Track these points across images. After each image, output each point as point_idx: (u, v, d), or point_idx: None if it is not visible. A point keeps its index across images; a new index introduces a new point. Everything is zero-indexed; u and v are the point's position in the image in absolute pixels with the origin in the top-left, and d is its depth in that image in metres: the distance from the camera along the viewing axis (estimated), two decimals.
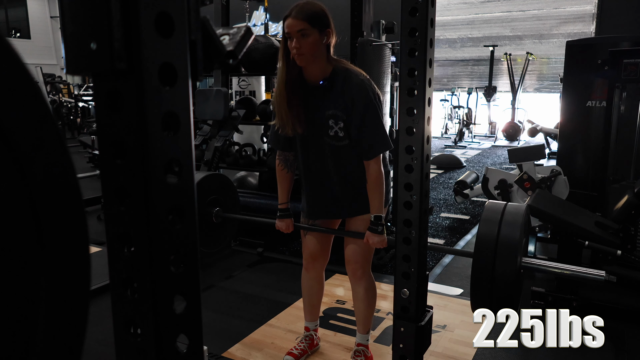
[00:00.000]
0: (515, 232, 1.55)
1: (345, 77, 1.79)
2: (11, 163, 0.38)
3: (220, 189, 2.45)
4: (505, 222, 1.58)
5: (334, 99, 1.80)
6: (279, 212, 2.10)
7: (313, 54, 1.72)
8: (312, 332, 2.32)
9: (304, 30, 1.69)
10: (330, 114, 1.82)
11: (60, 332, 0.43)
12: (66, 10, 0.46)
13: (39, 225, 0.40)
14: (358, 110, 1.78)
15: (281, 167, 2.05)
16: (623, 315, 2.62)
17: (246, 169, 4.16)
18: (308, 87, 1.84)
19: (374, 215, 1.88)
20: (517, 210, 1.63)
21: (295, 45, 1.70)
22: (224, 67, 0.55)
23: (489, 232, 1.57)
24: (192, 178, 0.52)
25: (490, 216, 1.61)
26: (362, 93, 1.77)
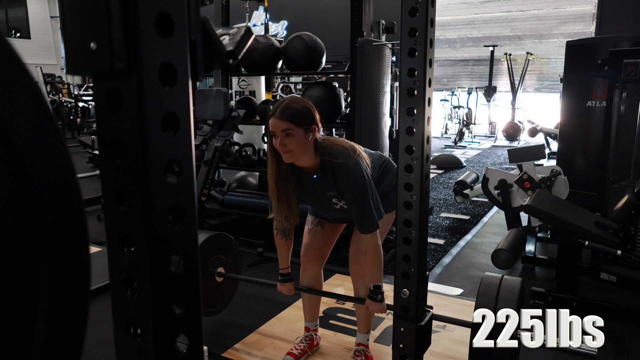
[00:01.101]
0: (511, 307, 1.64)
1: (333, 169, 1.83)
2: (11, 163, 0.38)
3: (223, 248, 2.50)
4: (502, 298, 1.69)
5: (330, 185, 1.87)
6: (280, 277, 2.16)
7: (299, 151, 1.76)
8: (312, 332, 2.32)
9: (288, 130, 1.72)
10: (331, 195, 1.91)
11: (60, 332, 0.43)
12: (66, 10, 0.46)
13: (39, 226, 0.40)
14: (348, 198, 1.86)
15: (279, 236, 2.09)
16: (623, 315, 2.62)
17: (246, 169, 4.16)
18: (304, 175, 1.91)
19: (373, 285, 1.94)
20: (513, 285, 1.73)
21: (281, 144, 1.73)
22: (224, 67, 0.55)
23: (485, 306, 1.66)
24: (192, 178, 0.52)
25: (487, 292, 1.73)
26: (350, 185, 1.81)
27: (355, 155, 1.84)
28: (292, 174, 1.90)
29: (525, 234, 3.22)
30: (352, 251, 2.08)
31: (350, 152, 1.84)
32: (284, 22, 12.69)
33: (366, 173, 1.83)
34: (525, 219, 3.83)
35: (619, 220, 2.48)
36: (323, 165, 1.83)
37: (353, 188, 1.80)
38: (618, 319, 2.61)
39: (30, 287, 0.40)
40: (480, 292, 1.73)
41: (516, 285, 1.73)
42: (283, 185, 1.87)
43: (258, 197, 4.23)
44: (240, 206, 4.24)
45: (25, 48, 15.17)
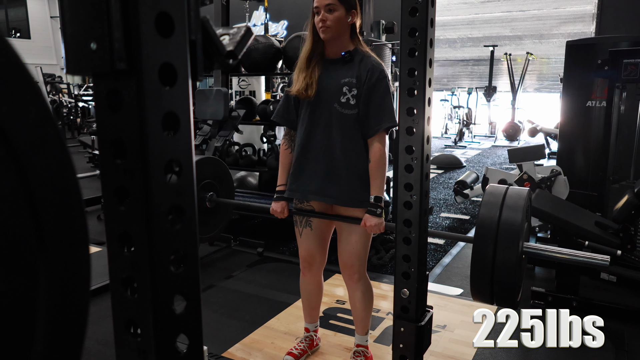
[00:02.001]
0: (517, 216, 1.48)
1: (364, 55, 1.91)
2: (11, 163, 0.38)
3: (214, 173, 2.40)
4: (507, 205, 1.51)
5: (352, 69, 1.90)
6: (276, 194, 2.09)
7: (337, 28, 1.84)
8: (312, 332, 2.32)
9: (332, 5, 1.82)
10: (346, 82, 1.90)
11: (60, 332, 0.43)
12: (66, 10, 0.46)
13: (39, 226, 0.40)
14: (371, 82, 1.87)
15: (285, 146, 2.07)
16: (623, 315, 2.62)
17: (246, 169, 4.16)
18: (329, 60, 1.95)
19: (374, 196, 1.87)
20: (519, 193, 1.56)
21: (322, 18, 1.83)
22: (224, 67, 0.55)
23: (490, 216, 1.50)
24: (192, 178, 0.52)
25: (492, 200, 1.54)
26: (377, 69, 1.87)
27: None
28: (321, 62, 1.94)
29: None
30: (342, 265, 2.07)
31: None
32: (284, 22, 12.68)
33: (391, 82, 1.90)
34: None
35: (619, 220, 2.48)
36: (356, 51, 1.92)
37: (379, 75, 1.86)
38: (618, 319, 2.61)
39: (30, 287, 0.40)
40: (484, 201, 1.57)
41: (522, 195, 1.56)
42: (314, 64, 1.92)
43: (258, 197, 4.23)
44: (240, 206, 4.24)
45: (25, 48, 15.17)
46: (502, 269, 1.46)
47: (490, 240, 1.47)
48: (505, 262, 1.45)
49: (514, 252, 1.46)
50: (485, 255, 1.48)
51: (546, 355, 2.34)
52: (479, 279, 1.51)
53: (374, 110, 1.86)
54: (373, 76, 1.86)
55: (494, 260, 1.46)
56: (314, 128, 1.94)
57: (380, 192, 1.87)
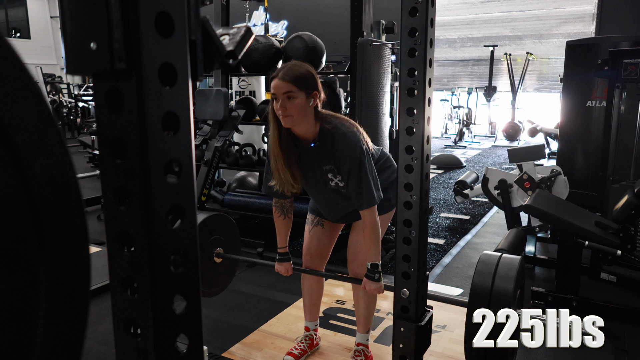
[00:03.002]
0: (509, 285, 1.58)
1: (332, 137, 1.79)
2: (11, 163, 0.38)
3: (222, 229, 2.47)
4: (500, 274, 1.62)
5: (327, 156, 1.82)
6: (278, 256, 2.14)
7: (299, 115, 1.72)
8: (312, 332, 2.32)
9: (290, 92, 1.69)
10: (327, 169, 1.85)
11: (60, 332, 0.43)
12: (66, 10, 0.46)
13: (39, 226, 0.40)
14: (346, 170, 1.80)
15: (278, 214, 2.06)
16: (623, 315, 2.62)
17: (246, 169, 4.16)
18: (302, 145, 1.86)
19: (371, 263, 1.90)
20: (511, 263, 1.66)
21: (282, 107, 1.70)
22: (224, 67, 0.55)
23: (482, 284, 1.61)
24: (192, 178, 0.52)
25: (485, 269, 1.65)
26: (347, 153, 1.77)
27: (355, 128, 1.82)
28: (292, 143, 1.85)
29: (525, 234, 3.22)
30: (350, 251, 2.08)
31: (351, 124, 1.83)
32: (284, 22, 12.69)
33: (366, 146, 1.80)
34: (525, 219, 3.83)
35: (619, 220, 2.48)
36: (322, 134, 1.79)
37: (351, 157, 1.76)
38: (618, 319, 2.61)
39: (30, 287, 0.40)
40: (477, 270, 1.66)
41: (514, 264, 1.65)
42: (284, 150, 1.82)
43: (258, 197, 4.23)
44: (240, 206, 4.24)
45: (25, 48, 15.16)
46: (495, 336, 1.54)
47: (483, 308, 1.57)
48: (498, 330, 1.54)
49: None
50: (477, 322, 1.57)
51: (546, 355, 2.34)
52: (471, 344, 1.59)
53: (354, 193, 1.81)
54: (346, 163, 1.78)
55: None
56: (317, 197, 2.07)
57: (376, 259, 1.90)
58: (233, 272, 2.62)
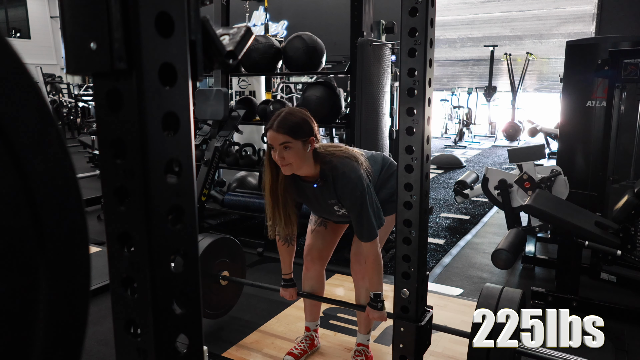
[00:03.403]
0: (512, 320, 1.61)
1: (333, 177, 1.82)
2: (11, 163, 0.38)
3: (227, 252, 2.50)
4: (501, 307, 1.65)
5: (330, 192, 1.86)
6: (282, 282, 2.17)
7: (298, 163, 1.75)
8: (313, 332, 2.32)
9: (287, 143, 1.71)
10: (333, 202, 1.90)
11: (60, 332, 0.43)
12: (66, 10, 0.46)
13: (39, 226, 0.40)
14: (347, 206, 1.85)
15: (281, 242, 2.09)
16: (623, 315, 2.62)
17: (246, 169, 4.16)
18: (305, 184, 1.89)
19: (373, 293, 1.94)
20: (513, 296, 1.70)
21: (280, 157, 1.73)
22: (224, 67, 0.55)
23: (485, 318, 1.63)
24: (192, 178, 0.52)
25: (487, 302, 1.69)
26: (348, 193, 1.81)
27: (355, 163, 1.84)
28: (292, 183, 1.90)
29: (525, 234, 3.22)
30: (354, 251, 2.08)
31: (350, 160, 1.84)
32: (284, 22, 12.69)
33: (366, 181, 1.83)
34: (525, 219, 3.83)
35: (619, 220, 2.47)
36: (323, 174, 1.83)
37: (352, 197, 1.80)
38: (618, 319, 2.61)
39: (30, 287, 0.40)
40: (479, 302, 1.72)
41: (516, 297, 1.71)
42: (281, 196, 1.87)
43: (258, 197, 4.23)
44: (240, 206, 4.24)
45: (25, 48, 15.16)
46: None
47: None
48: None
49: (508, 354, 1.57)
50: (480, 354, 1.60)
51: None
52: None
53: (356, 226, 1.86)
54: (347, 202, 1.83)
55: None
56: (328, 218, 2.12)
57: (378, 289, 1.93)
58: (238, 294, 2.66)
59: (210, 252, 2.38)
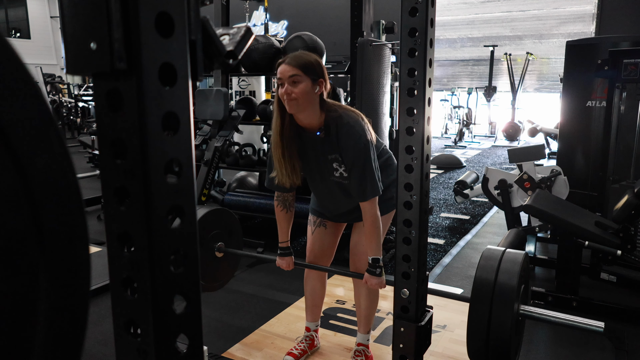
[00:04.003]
0: (513, 280, 1.55)
1: (337, 125, 1.80)
2: (11, 163, 0.38)
3: (223, 223, 2.46)
4: (503, 269, 1.58)
5: (332, 144, 1.82)
6: (279, 251, 2.14)
7: (304, 101, 1.73)
8: (313, 332, 2.32)
9: (296, 76, 1.71)
10: (332, 158, 1.86)
11: (60, 332, 0.43)
12: (66, 10, 0.46)
13: (39, 226, 0.40)
14: (350, 159, 1.80)
15: (280, 208, 2.06)
16: (623, 315, 2.62)
17: (246, 169, 4.16)
18: (307, 134, 1.86)
19: (372, 257, 1.89)
20: (515, 257, 1.63)
21: (287, 91, 1.71)
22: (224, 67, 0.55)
23: (485, 279, 1.57)
24: (192, 178, 0.52)
25: (488, 264, 1.61)
26: (352, 143, 1.78)
27: (360, 119, 1.83)
28: (296, 133, 1.86)
29: (525, 234, 3.22)
30: (353, 246, 2.09)
31: (356, 114, 1.83)
32: (284, 22, 12.69)
33: (370, 138, 1.80)
34: (525, 219, 3.83)
35: (619, 220, 2.48)
36: (327, 123, 1.80)
37: (355, 147, 1.77)
38: (618, 319, 2.61)
39: (30, 287, 0.40)
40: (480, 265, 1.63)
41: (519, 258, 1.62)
42: (287, 141, 1.82)
43: (258, 197, 4.23)
44: (240, 206, 4.24)
45: (25, 48, 15.17)
46: (497, 331, 1.51)
47: (486, 303, 1.54)
48: (500, 326, 1.51)
49: (509, 316, 1.52)
50: (481, 318, 1.54)
51: (546, 355, 2.34)
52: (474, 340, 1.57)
53: (357, 184, 1.81)
54: (350, 152, 1.79)
55: (489, 323, 1.53)
56: (319, 190, 2.04)
57: (377, 254, 1.89)
58: (235, 267, 2.60)
59: (205, 223, 2.31)
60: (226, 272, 2.54)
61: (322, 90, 1.77)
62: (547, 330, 2.57)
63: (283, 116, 1.80)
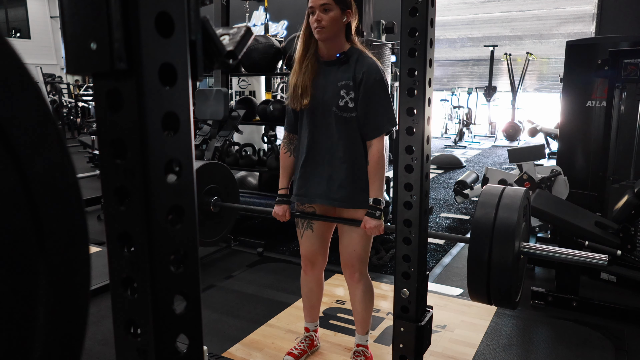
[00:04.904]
0: (513, 215, 1.45)
1: (360, 55, 1.88)
2: (11, 163, 0.38)
3: (218, 178, 2.41)
4: (503, 205, 1.48)
5: (348, 71, 1.88)
6: (278, 198, 2.11)
7: (333, 29, 1.82)
8: (312, 332, 2.32)
9: (327, 4, 1.79)
10: (343, 84, 1.88)
11: (60, 332, 0.43)
12: (66, 10, 0.46)
13: (39, 226, 0.40)
14: (368, 84, 1.85)
15: (284, 150, 2.08)
16: (623, 315, 2.62)
17: (246, 169, 4.16)
18: (325, 62, 1.92)
19: (373, 198, 1.88)
20: (516, 193, 1.53)
21: (317, 18, 1.80)
22: (224, 67, 0.55)
23: (485, 215, 1.47)
24: (192, 178, 0.52)
25: (487, 200, 1.51)
26: (373, 70, 1.85)
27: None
28: (316, 61, 1.92)
29: None
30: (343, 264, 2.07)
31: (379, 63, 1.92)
32: (284, 22, 12.69)
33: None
34: None
35: (619, 220, 2.48)
36: (351, 51, 1.89)
37: (376, 76, 1.84)
38: (618, 319, 2.61)
39: (30, 287, 0.40)
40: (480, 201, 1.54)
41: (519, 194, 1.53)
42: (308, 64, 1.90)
43: (258, 197, 4.23)
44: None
45: (25, 48, 15.17)
46: (498, 269, 1.43)
47: (486, 240, 1.44)
48: (501, 263, 1.42)
49: (510, 252, 1.43)
50: (480, 256, 1.45)
51: (546, 355, 2.34)
52: (475, 279, 1.49)
53: (372, 114, 1.84)
54: (370, 77, 1.83)
55: (489, 261, 1.44)
56: (316, 133, 1.95)
57: (379, 194, 1.88)
58: (231, 221, 2.56)
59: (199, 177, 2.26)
60: (222, 226, 2.49)
61: (350, 20, 1.87)
62: (547, 330, 2.57)
63: (307, 46, 1.90)
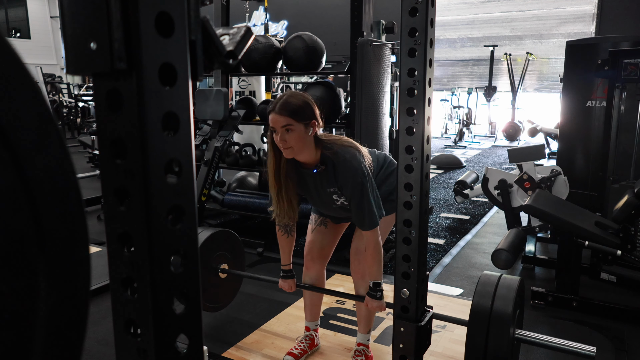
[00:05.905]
0: (508, 305, 1.61)
1: (334, 162, 1.82)
2: (11, 163, 0.38)
3: (227, 245, 2.50)
4: (499, 295, 1.65)
5: (331, 179, 1.86)
6: (282, 273, 2.17)
7: (299, 146, 1.75)
8: (313, 332, 2.32)
9: (288, 125, 1.72)
10: (332, 191, 1.89)
11: (60, 332, 0.43)
12: (66, 10, 0.46)
13: (39, 226, 0.40)
14: (347, 194, 1.84)
15: (281, 232, 2.09)
16: (623, 315, 2.62)
17: (246, 169, 4.16)
18: (304, 169, 1.89)
19: (373, 282, 1.93)
20: (511, 283, 1.70)
21: (281, 140, 1.73)
22: (224, 67, 0.55)
23: (482, 304, 1.64)
24: (192, 178, 0.52)
25: (484, 290, 1.68)
26: (349, 179, 1.80)
27: (357, 152, 1.84)
28: (293, 169, 1.90)
29: (525, 234, 3.22)
30: (353, 250, 2.08)
31: (351, 148, 1.85)
32: (284, 22, 12.69)
33: (366, 169, 1.82)
34: (525, 219, 3.83)
35: (619, 220, 2.48)
36: (324, 160, 1.83)
37: (353, 182, 1.79)
38: (618, 319, 2.61)
39: (30, 287, 0.40)
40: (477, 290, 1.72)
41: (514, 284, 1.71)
42: (283, 179, 1.87)
43: (258, 197, 4.23)
44: (240, 206, 4.24)
45: (25, 48, 15.17)
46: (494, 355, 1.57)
47: (483, 328, 1.60)
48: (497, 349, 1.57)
49: (505, 340, 1.57)
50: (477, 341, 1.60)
51: (546, 355, 2.34)
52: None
53: (356, 216, 1.85)
54: (348, 189, 1.82)
55: (486, 347, 1.58)
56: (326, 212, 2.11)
57: (378, 278, 1.92)
58: (237, 288, 2.65)
59: (210, 245, 2.38)
60: (228, 293, 2.60)
61: (315, 130, 1.79)
62: (547, 330, 2.57)
63: (278, 157, 1.84)
